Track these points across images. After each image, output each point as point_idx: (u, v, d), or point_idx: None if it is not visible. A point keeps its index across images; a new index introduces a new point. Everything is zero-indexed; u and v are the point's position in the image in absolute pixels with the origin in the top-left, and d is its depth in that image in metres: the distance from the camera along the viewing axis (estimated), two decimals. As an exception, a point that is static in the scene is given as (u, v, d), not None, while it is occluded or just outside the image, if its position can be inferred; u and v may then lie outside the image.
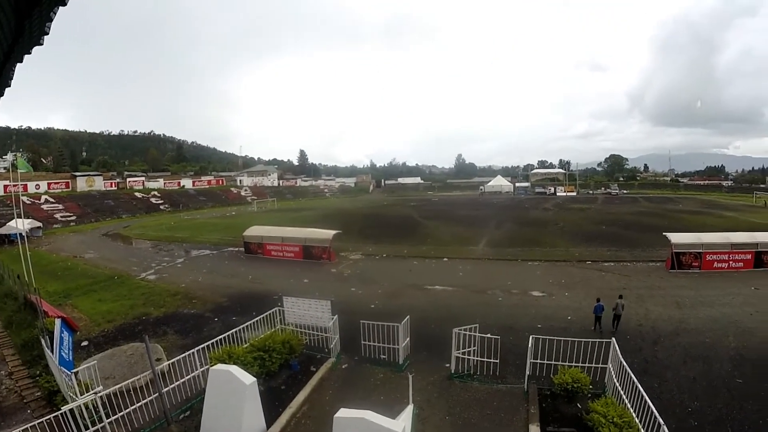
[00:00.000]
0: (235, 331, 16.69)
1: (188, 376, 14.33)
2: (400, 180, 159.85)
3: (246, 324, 17.40)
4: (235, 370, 12.13)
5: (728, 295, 25.75)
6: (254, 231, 40.24)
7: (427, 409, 13.79)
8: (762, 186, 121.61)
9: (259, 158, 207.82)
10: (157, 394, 12.79)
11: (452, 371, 16.12)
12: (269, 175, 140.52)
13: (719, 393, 14.97)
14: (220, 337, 16.09)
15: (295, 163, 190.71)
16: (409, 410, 11.90)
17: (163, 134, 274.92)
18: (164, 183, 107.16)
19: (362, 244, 42.65)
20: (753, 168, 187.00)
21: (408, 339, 17.44)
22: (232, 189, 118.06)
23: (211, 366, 12.95)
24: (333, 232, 37.02)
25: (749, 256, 32.04)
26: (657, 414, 10.55)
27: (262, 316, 18.38)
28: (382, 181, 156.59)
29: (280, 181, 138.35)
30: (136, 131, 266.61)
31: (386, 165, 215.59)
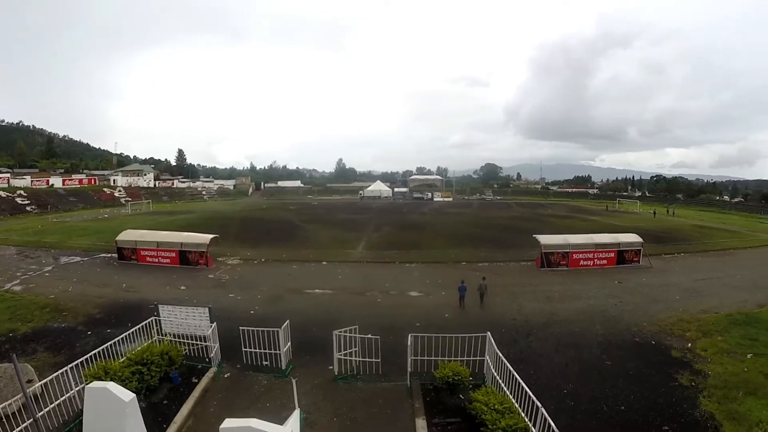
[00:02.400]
0: (110, 345, 15.73)
1: (64, 397, 13.33)
2: (281, 183, 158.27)
3: (121, 336, 16.49)
4: (112, 386, 11.29)
5: (594, 289, 29.21)
6: (128, 235, 38.08)
7: (314, 412, 13.98)
8: (624, 194, 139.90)
9: (134, 156, 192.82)
10: (31, 419, 11.53)
11: (336, 373, 16.49)
12: (145, 175, 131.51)
13: (591, 375, 17.02)
14: (94, 351, 15.09)
15: (173, 162, 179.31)
16: (296, 415, 11.86)
17: (33, 126, 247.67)
18: (32, 181, 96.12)
19: (241, 248, 41.97)
20: (617, 178, 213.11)
21: (289, 343, 17.56)
22: (106, 189, 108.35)
23: (87, 384, 11.99)
24: (210, 236, 36.11)
25: (612, 255, 36.66)
26: (534, 398, 11.54)
27: (137, 326, 17.43)
28: (262, 184, 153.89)
29: (157, 182, 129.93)
30: (2, 121, 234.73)
31: (266, 168, 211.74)
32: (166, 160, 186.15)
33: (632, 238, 38.26)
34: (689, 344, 19.82)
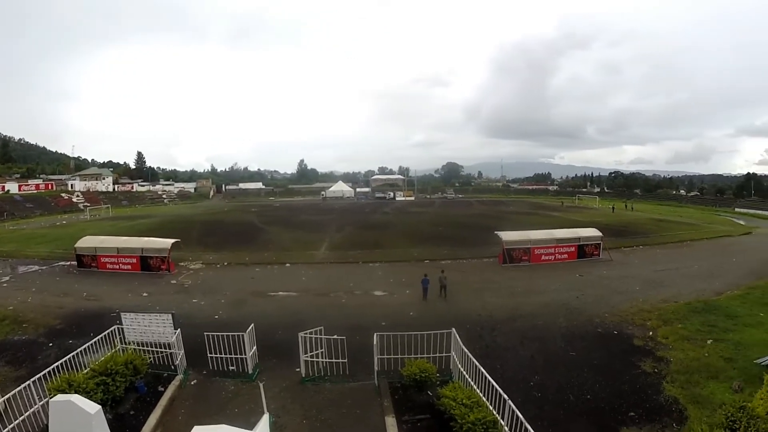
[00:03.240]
0: (73, 356, 15.22)
1: (28, 412, 12.78)
2: (242, 185, 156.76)
3: (84, 347, 15.93)
4: (77, 399, 10.94)
5: (556, 283, 29.96)
6: (87, 242, 37.07)
7: (284, 415, 13.87)
8: (584, 190, 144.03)
9: (93, 160, 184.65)
10: (-6, 438, 11.05)
11: (303, 375, 16.37)
12: (104, 179, 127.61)
13: (556, 366, 17.42)
14: (57, 364, 14.55)
15: (132, 166, 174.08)
16: (265, 419, 11.65)
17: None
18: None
19: (203, 252, 41.41)
20: (576, 175, 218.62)
21: (255, 347, 17.36)
22: (63, 195, 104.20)
23: (51, 398, 11.62)
24: (171, 240, 35.56)
25: (573, 249, 37.68)
26: (501, 391, 11.66)
27: (100, 336, 16.93)
28: (223, 186, 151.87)
29: (116, 186, 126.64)
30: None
31: (227, 169, 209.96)
32: (125, 163, 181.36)
33: (592, 232, 39.42)
34: (651, 333, 20.51)
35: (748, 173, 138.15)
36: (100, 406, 11.14)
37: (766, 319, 22.06)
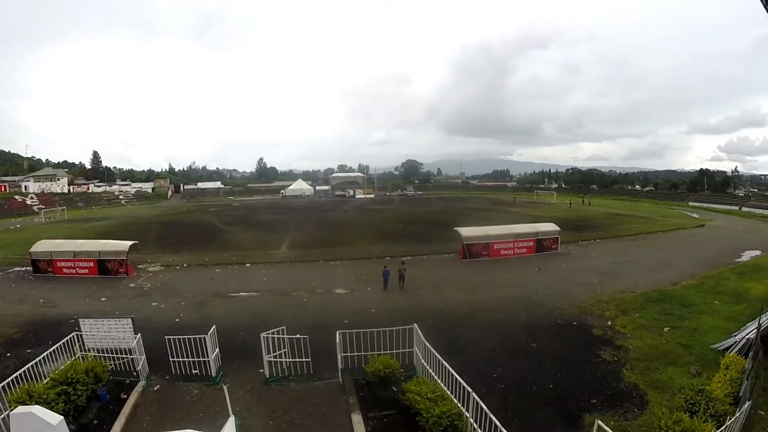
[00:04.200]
0: (32, 366, 14.66)
1: None
2: (200, 185, 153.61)
3: (43, 356, 15.37)
4: (38, 410, 10.53)
5: (516, 277, 30.63)
6: (43, 246, 35.59)
7: (250, 417, 13.76)
8: (541, 186, 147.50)
9: (47, 160, 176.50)
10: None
11: (267, 376, 16.23)
12: (59, 180, 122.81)
13: (518, 358, 17.78)
14: (15, 374, 14.02)
15: (88, 166, 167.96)
16: (231, 422, 11.49)
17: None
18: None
19: (161, 254, 40.48)
20: (534, 171, 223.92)
21: (218, 349, 17.08)
22: (17, 197, 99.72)
23: (11, 410, 11.17)
24: (129, 243, 34.67)
25: (531, 243, 38.50)
26: (465, 384, 11.82)
27: (59, 344, 16.29)
28: (181, 186, 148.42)
29: (71, 187, 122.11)
30: None
31: (185, 169, 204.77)
32: (80, 163, 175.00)
33: (550, 227, 40.45)
34: (609, 322, 21.17)
35: (702, 169, 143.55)
36: (62, 417, 10.82)
37: (720, 307, 23.21)
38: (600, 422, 9.80)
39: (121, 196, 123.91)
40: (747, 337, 16.70)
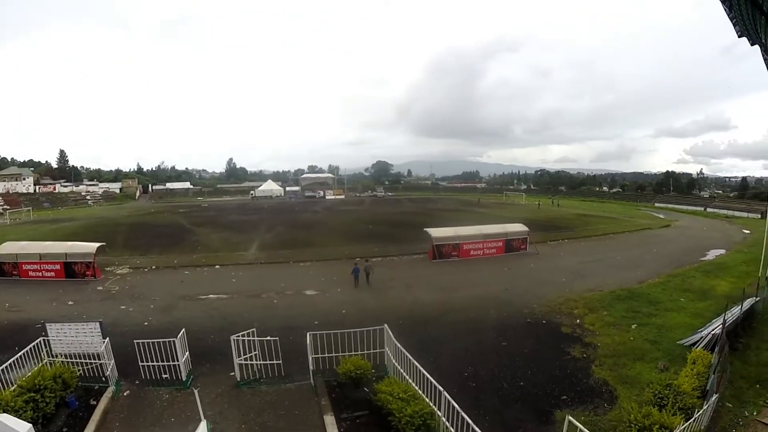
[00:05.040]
0: None
1: None
2: (169, 185, 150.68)
3: (9, 362, 14.83)
4: (6, 418, 10.28)
5: (486, 277, 31.05)
6: (7, 248, 34.53)
7: (221, 421, 13.59)
8: (511, 187, 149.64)
9: (12, 159, 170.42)
10: None
11: (238, 379, 16.06)
12: (24, 179, 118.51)
13: (489, 356, 17.94)
14: None
15: (54, 165, 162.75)
16: (203, 426, 11.30)
17: None
18: None
19: (129, 256, 39.68)
20: (503, 173, 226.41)
21: (187, 353, 16.81)
22: None
23: None
24: (96, 244, 33.91)
25: (500, 244, 39.04)
26: (436, 383, 11.95)
27: (25, 350, 15.77)
28: (150, 186, 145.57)
29: (37, 187, 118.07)
30: None
31: (154, 169, 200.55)
32: (46, 162, 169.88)
33: (518, 227, 41.05)
34: (578, 320, 21.60)
35: (668, 171, 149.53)
36: (30, 425, 10.58)
37: (686, 304, 23.91)
38: (571, 418, 9.98)
39: (88, 197, 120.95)
40: (713, 332, 17.19)
